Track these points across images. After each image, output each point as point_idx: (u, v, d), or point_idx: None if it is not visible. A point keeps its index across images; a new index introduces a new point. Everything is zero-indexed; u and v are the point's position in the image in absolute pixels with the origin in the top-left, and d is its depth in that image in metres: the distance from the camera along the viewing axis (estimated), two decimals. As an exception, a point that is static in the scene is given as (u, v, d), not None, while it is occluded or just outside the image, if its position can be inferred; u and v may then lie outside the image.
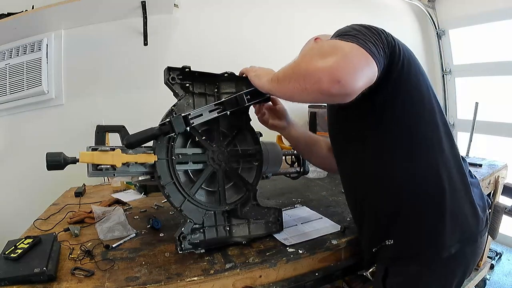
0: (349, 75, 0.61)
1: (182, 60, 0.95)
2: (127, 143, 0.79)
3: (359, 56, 0.63)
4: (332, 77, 0.61)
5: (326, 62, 0.62)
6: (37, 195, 1.57)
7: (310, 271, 0.89)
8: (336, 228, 1.01)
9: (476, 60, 2.72)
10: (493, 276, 2.10)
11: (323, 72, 0.62)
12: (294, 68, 0.71)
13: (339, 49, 0.64)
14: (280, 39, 2.28)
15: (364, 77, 0.63)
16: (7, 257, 0.79)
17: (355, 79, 0.62)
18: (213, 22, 2.16)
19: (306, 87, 0.66)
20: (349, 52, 0.63)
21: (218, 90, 0.97)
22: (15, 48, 1.81)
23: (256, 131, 1.02)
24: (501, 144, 2.45)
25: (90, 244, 0.96)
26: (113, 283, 0.75)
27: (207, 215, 0.92)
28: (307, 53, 0.70)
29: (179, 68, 0.90)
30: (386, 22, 2.73)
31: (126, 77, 1.99)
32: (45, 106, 1.88)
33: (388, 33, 0.75)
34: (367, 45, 0.65)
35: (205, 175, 0.93)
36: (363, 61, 0.63)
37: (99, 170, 0.83)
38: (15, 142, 1.88)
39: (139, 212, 1.27)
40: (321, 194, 1.39)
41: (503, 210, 1.54)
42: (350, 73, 0.61)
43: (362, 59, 0.63)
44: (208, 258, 0.86)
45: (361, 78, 0.62)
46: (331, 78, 0.61)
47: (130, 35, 1.97)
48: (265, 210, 1.00)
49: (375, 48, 0.66)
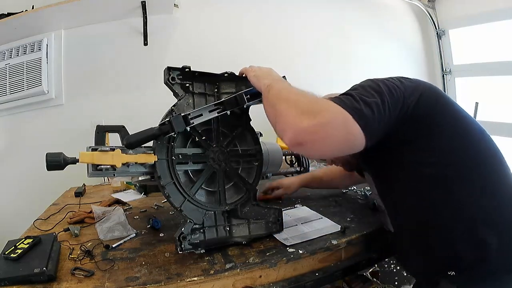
0: (315, 143, 0.60)
1: (182, 60, 0.95)
2: (127, 143, 0.79)
3: (340, 128, 0.61)
4: (296, 137, 0.61)
5: (301, 121, 0.61)
6: (37, 195, 1.57)
7: (310, 271, 0.88)
8: (336, 228, 1.01)
9: (476, 60, 2.71)
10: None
11: (292, 128, 0.62)
12: (279, 100, 0.71)
13: (323, 112, 0.62)
14: (280, 39, 2.29)
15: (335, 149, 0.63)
16: (7, 257, 0.79)
17: (320, 148, 0.61)
18: (213, 22, 2.16)
19: (276, 126, 0.68)
20: (331, 121, 0.61)
21: (218, 90, 0.97)
22: (15, 48, 1.82)
23: (256, 131, 1.02)
24: (501, 144, 2.44)
25: (90, 244, 0.96)
26: (113, 283, 0.75)
27: (207, 215, 0.92)
28: (297, 97, 0.70)
29: (179, 68, 0.90)
30: (386, 22, 2.74)
31: (126, 77, 1.99)
32: (45, 106, 1.88)
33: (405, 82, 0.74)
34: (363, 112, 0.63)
35: (205, 175, 0.93)
36: (342, 134, 0.62)
37: (99, 170, 0.83)
38: (15, 142, 1.88)
39: (139, 212, 1.27)
40: (321, 194, 1.39)
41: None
42: (317, 142, 0.61)
43: (343, 132, 0.62)
44: (208, 258, 0.86)
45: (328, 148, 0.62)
46: (295, 137, 0.61)
47: (130, 35, 1.97)
48: (265, 210, 0.99)
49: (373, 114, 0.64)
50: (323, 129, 0.61)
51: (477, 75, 2.74)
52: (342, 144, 0.63)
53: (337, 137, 0.62)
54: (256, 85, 0.88)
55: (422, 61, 2.94)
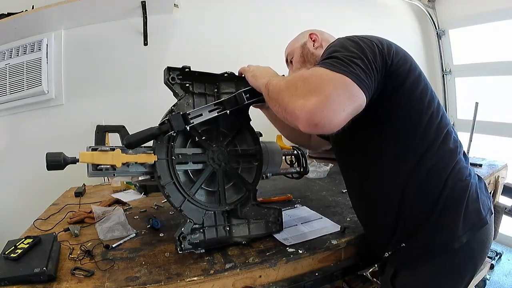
0: (328, 117, 0.61)
1: (182, 60, 0.96)
2: (127, 143, 0.79)
3: (343, 92, 0.63)
4: (310, 120, 0.62)
5: (307, 102, 0.63)
6: (37, 195, 1.57)
7: (310, 271, 0.88)
8: (336, 228, 1.01)
9: (476, 60, 2.72)
10: (493, 276, 2.10)
11: (302, 113, 0.63)
12: (279, 94, 0.73)
13: (323, 86, 0.63)
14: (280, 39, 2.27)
15: (345, 114, 0.63)
16: (7, 257, 0.79)
17: (334, 120, 0.62)
18: (213, 22, 2.16)
19: (286, 118, 0.69)
20: (333, 91, 0.62)
21: (218, 90, 0.97)
22: (15, 48, 1.81)
23: (256, 131, 1.02)
24: (501, 144, 2.45)
25: (90, 244, 0.96)
26: (113, 283, 0.75)
27: (207, 215, 0.92)
28: (292, 83, 0.71)
29: (179, 68, 0.90)
30: (386, 22, 2.74)
31: (126, 77, 1.99)
32: (45, 106, 1.88)
33: (382, 42, 0.75)
34: (355, 72, 0.64)
35: (205, 175, 0.93)
36: (346, 98, 0.63)
37: (99, 170, 0.83)
38: (15, 142, 1.88)
39: (139, 212, 1.27)
40: (321, 194, 1.39)
41: (503, 210, 1.54)
42: (330, 115, 0.61)
43: (346, 95, 0.63)
44: (208, 258, 0.86)
45: (341, 116, 0.63)
46: (309, 121, 0.62)
47: (130, 35, 1.97)
48: (265, 210, 0.99)
49: (364, 73, 0.66)
50: (330, 100, 0.62)
51: (477, 75, 2.75)
52: (350, 107, 0.63)
53: (344, 103, 0.63)
54: (254, 85, 0.88)
55: (422, 61, 2.94)
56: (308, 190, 1.45)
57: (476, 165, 1.58)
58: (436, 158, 0.77)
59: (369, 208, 0.88)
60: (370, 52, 0.70)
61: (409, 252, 0.79)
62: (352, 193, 0.97)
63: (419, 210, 0.77)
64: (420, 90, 0.78)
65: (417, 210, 0.77)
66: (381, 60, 0.71)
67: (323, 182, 1.60)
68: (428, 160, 0.76)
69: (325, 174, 1.69)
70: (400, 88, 0.75)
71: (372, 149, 0.82)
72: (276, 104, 0.73)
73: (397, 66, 0.74)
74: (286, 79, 0.76)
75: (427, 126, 0.77)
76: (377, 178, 0.82)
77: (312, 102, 0.62)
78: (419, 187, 0.77)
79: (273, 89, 0.76)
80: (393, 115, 0.77)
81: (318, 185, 1.55)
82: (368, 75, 0.66)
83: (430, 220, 0.76)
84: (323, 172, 1.68)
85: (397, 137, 0.78)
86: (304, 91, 0.65)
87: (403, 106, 0.77)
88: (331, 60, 0.68)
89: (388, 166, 0.79)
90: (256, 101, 0.92)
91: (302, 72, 0.72)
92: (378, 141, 0.80)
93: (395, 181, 0.78)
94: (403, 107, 0.77)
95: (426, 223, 0.76)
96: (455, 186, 0.77)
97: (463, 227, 0.75)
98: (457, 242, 0.75)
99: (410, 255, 0.79)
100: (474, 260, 0.80)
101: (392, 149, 0.79)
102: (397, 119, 0.77)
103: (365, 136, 0.81)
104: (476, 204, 0.78)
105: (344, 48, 0.70)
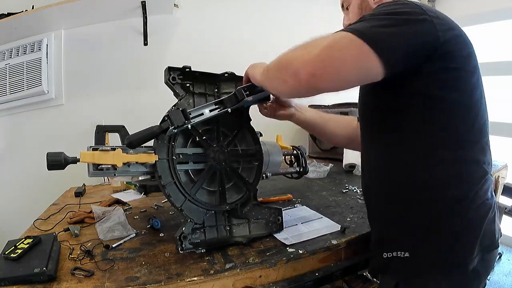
0: (327, 71, 0.56)
1: (182, 60, 0.96)
2: (128, 142, 0.79)
3: (348, 48, 0.56)
4: (308, 70, 0.57)
5: (307, 53, 0.58)
6: (37, 195, 1.57)
7: (310, 271, 0.89)
8: (336, 228, 1.01)
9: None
10: (493, 276, 2.10)
11: (300, 64, 0.59)
12: (280, 57, 0.68)
13: (326, 40, 0.58)
14: (280, 39, 2.27)
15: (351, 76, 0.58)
16: (7, 257, 0.79)
17: (334, 76, 0.57)
18: (213, 22, 2.16)
19: (286, 78, 0.63)
20: (337, 43, 0.57)
21: (218, 90, 0.97)
22: (15, 48, 1.82)
23: (256, 131, 1.03)
24: (501, 144, 2.45)
25: (90, 244, 0.96)
26: (113, 283, 0.75)
27: (208, 215, 0.92)
28: (298, 45, 0.65)
29: (180, 68, 0.90)
30: (386, 22, 2.74)
31: (126, 77, 1.99)
32: (45, 106, 1.88)
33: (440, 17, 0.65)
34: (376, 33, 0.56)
35: (205, 175, 0.93)
36: (352, 57, 0.56)
37: (99, 170, 0.83)
38: (15, 142, 1.88)
39: (139, 212, 1.27)
40: (321, 194, 1.39)
41: (503, 210, 1.54)
42: (329, 67, 0.56)
43: (353, 52, 0.56)
44: (208, 258, 0.86)
45: (344, 75, 0.57)
46: (307, 71, 0.57)
47: (130, 35, 1.97)
48: (265, 210, 0.99)
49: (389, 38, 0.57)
50: (330, 52, 0.57)
51: (477, 75, 2.74)
52: (356, 68, 0.57)
53: (348, 61, 0.57)
54: (250, 75, 0.86)
55: (422, 61, 2.94)
56: (308, 190, 1.45)
57: (476, 165, 1.58)
58: (474, 157, 0.69)
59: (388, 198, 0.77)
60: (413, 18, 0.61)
61: (412, 264, 0.71)
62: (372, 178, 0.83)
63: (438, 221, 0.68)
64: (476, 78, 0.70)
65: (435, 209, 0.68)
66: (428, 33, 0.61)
67: (323, 182, 1.60)
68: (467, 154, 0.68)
69: (325, 174, 1.69)
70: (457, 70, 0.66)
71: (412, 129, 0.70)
72: (276, 71, 0.67)
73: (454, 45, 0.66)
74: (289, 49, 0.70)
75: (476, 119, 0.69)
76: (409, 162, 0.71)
77: (314, 52, 0.57)
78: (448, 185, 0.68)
79: (272, 65, 0.72)
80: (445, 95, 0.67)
81: (318, 185, 1.55)
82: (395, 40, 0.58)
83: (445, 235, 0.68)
84: (323, 172, 1.68)
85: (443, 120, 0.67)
86: (307, 46, 0.61)
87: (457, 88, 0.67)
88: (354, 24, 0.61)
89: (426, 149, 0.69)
90: (256, 98, 0.91)
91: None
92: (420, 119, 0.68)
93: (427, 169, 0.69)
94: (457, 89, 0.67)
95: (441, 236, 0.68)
96: (482, 203, 0.70)
97: (478, 249, 0.69)
98: (471, 263, 0.68)
99: (413, 267, 0.71)
100: (479, 281, 0.74)
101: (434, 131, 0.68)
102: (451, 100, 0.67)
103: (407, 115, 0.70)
104: (493, 225, 0.73)
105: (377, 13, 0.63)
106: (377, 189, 0.81)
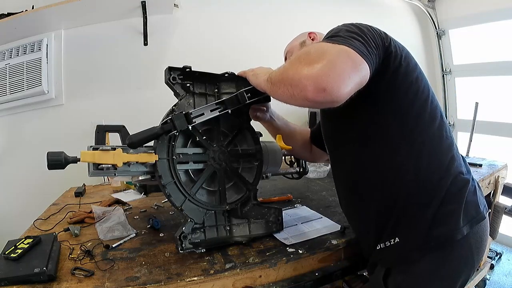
0: (335, 83, 0.61)
1: (182, 60, 0.96)
2: (129, 142, 0.79)
3: (346, 60, 0.63)
4: (317, 85, 0.61)
5: (312, 70, 0.63)
6: (37, 195, 1.57)
7: (310, 271, 0.89)
8: (336, 228, 1.01)
9: (476, 60, 2.72)
10: (493, 276, 2.10)
11: (309, 81, 0.62)
12: (282, 74, 0.72)
13: (326, 54, 0.64)
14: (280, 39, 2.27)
15: (352, 83, 0.63)
16: (7, 257, 0.79)
17: (341, 86, 0.61)
18: (213, 22, 2.16)
19: (293, 93, 0.67)
20: (336, 58, 0.63)
21: (218, 90, 0.97)
22: (15, 48, 1.81)
23: (256, 131, 1.02)
24: (501, 144, 2.45)
25: (90, 244, 0.96)
26: (113, 283, 0.75)
27: (208, 215, 0.92)
28: (295, 58, 0.70)
29: (180, 68, 0.90)
30: (386, 22, 2.74)
31: (126, 77, 1.99)
32: (45, 106, 1.88)
33: (381, 30, 0.76)
34: (356, 45, 0.65)
35: (205, 174, 0.93)
36: (350, 66, 0.63)
37: (100, 170, 0.83)
38: (15, 142, 1.88)
39: (139, 212, 1.27)
40: (321, 194, 1.39)
41: (503, 210, 1.54)
42: (336, 80, 0.61)
43: (350, 63, 0.63)
44: (208, 258, 0.86)
45: (348, 84, 0.62)
46: (316, 86, 0.61)
47: (130, 35, 1.97)
48: (265, 210, 1.00)
49: (365, 47, 0.66)
50: (334, 65, 0.62)
51: (477, 75, 2.75)
52: (355, 76, 0.63)
53: (348, 70, 0.63)
54: (254, 83, 0.88)
55: (422, 61, 2.94)
56: (308, 190, 1.46)
57: (476, 165, 1.58)
58: (433, 143, 0.77)
59: (360, 200, 0.86)
60: (368, 32, 0.71)
61: (403, 247, 0.77)
62: (341, 185, 0.95)
63: (416, 200, 0.76)
64: (416, 75, 0.78)
65: (414, 199, 0.76)
66: (380, 40, 0.72)
67: (323, 182, 1.60)
68: (424, 144, 0.76)
69: (325, 174, 1.69)
70: (397, 69, 0.75)
71: (367, 132, 0.81)
72: (281, 85, 0.71)
73: (395, 48, 0.75)
74: (288, 61, 0.75)
75: (421, 109, 0.77)
76: (372, 162, 0.81)
77: (318, 68, 0.62)
78: (417, 174, 0.75)
79: (275, 75, 0.76)
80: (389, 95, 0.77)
81: (318, 185, 1.55)
82: (369, 50, 0.67)
83: (428, 211, 0.74)
84: (323, 172, 1.68)
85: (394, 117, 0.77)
86: (307, 61, 0.65)
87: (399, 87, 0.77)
88: (332, 39, 0.68)
89: (386, 148, 0.78)
90: (257, 101, 0.92)
91: (304, 48, 0.71)
92: (374, 123, 0.79)
93: (392, 165, 0.77)
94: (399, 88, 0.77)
95: (424, 214, 0.75)
96: (456, 178, 0.77)
97: (463, 219, 0.74)
98: (459, 233, 0.73)
99: (404, 251, 0.77)
100: (472, 256, 0.78)
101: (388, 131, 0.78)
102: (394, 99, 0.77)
103: (361, 120, 0.81)
104: (474, 197, 0.78)
105: (343, 30, 0.71)
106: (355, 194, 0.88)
